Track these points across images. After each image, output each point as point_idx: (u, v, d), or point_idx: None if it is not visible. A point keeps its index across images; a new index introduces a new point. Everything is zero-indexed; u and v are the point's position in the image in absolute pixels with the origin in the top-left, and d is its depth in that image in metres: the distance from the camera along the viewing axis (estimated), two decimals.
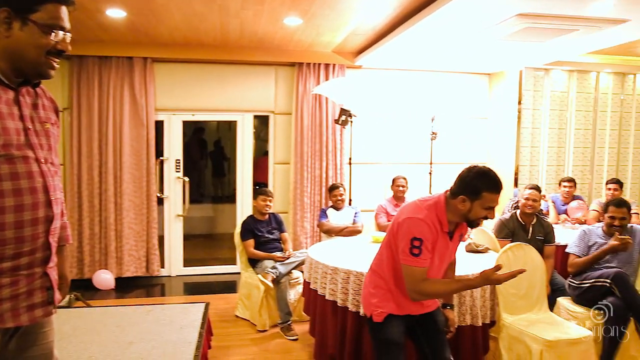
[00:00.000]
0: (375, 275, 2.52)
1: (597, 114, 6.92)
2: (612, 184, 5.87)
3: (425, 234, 2.26)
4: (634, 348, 3.74)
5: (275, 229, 4.96)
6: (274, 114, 6.33)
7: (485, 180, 2.26)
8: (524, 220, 4.44)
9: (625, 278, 3.66)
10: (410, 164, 6.56)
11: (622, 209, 3.89)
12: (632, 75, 6.96)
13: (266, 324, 4.59)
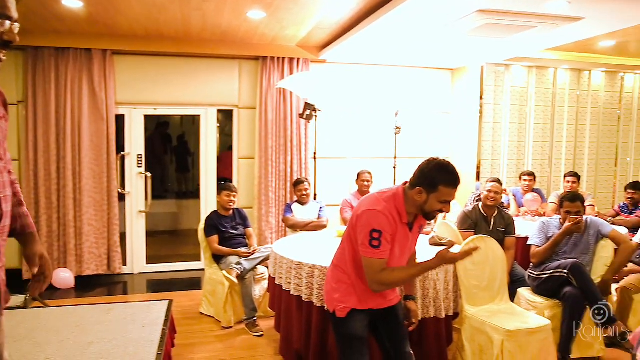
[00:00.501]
0: (337, 269, 2.51)
1: (555, 109, 7.11)
2: (570, 177, 6.04)
3: (384, 226, 2.25)
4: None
5: (239, 225, 4.91)
6: (238, 109, 6.26)
7: (443, 173, 2.26)
8: (486, 212, 4.55)
9: (581, 269, 3.77)
10: (374, 159, 6.60)
11: (576, 202, 4.01)
12: (587, 71, 7.18)
13: (231, 321, 4.55)
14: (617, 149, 7.58)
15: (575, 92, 7.19)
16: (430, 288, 3.51)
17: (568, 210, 4.02)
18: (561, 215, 4.10)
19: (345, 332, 2.44)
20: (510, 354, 3.29)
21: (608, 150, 7.50)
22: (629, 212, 5.79)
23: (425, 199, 2.27)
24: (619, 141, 7.56)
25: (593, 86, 7.28)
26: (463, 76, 6.81)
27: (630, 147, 7.65)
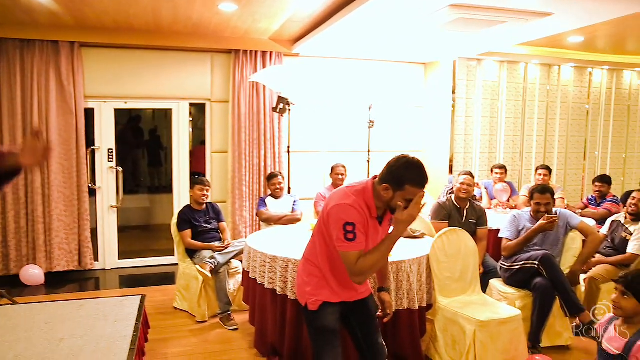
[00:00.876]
0: (308, 263, 2.50)
1: (525, 103, 7.23)
2: (541, 169, 6.16)
3: (356, 218, 2.24)
4: (559, 324, 3.96)
5: (213, 219, 4.88)
6: (211, 102, 6.20)
7: (410, 172, 2.23)
8: (459, 204, 4.62)
9: (551, 260, 3.85)
10: (348, 152, 6.62)
11: (546, 195, 4.09)
12: (557, 66, 7.32)
13: (205, 315, 4.53)
14: (585, 143, 7.75)
15: (546, 87, 7.32)
16: (403, 280, 3.54)
17: (538, 202, 4.09)
18: (532, 207, 4.18)
19: (317, 325, 2.45)
20: (482, 344, 3.35)
21: (577, 144, 7.66)
22: (596, 205, 5.93)
23: (391, 196, 2.25)
24: (587, 135, 7.73)
25: (562, 81, 7.42)
26: (436, 70, 6.87)
27: (598, 141, 7.83)
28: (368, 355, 2.59)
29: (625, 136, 8.01)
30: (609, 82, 7.73)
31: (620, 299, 2.18)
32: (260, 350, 3.84)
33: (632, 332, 2.17)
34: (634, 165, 8.11)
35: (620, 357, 2.15)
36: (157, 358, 3.78)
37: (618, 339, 2.20)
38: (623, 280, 2.20)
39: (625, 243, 4.42)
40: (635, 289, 2.16)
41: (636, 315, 2.18)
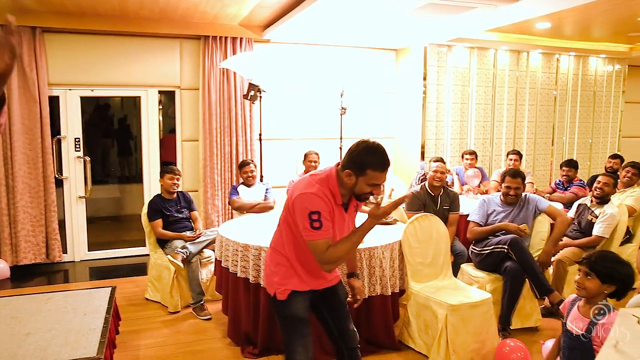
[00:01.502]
0: (275, 253, 2.47)
1: (495, 89, 7.30)
2: (513, 154, 6.25)
3: (321, 206, 2.21)
4: (528, 306, 4.04)
5: (184, 208, 4.81)
6: (180, 90, 6.09)
7: (371, 157, 2.21)
8: (433, 192, 4.66)
9: (520, 243, 3.92)
10: (320, 139, 6.60)
11: (517, 179, 4.16)
12: (525, 53, 7.40)
13: (178, 305, 4.48)
14: (553, 129, 7.88)
15: (515, 73, 7.40)
16: (376, 266, 3.57)
17: (509, 185, 4.17)
18: (502, 190, 4.24)
19: (287, 314, 2.43)
20: (454, 327, 3.40)
21: (545, 130, 7.79)
22: (564, 189, 6.05)
23: (354, 182, 2.24)
24: (555, 121, 7.86)
25: (531, 67, 7.51)
26: (407, 57, 6.88)
27: (565, 127, 7.98)
28: (340, 342, 2.59)
29: (591, 122, 8.17)
30: (575, 68, 7.86)
31: (584, 280, 2.23)
32: (234, 340, 3.82)
33: (594, 312, 2.22)
34: (600, 150, 8.29)
35: (584, 336, 2.20)
36: (128, 350, 3.73)
37: (581, 318, 2.25)
38: (587, 262, 2.24)
39: (591, 226, 4.52)
40: (599, 270, 2.20)
41: (599, 295, 2.23)
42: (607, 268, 2.20)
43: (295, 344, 2.40)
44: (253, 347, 3.65)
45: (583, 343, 2.19)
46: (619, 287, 2.22)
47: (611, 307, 2.20)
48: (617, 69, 8.20)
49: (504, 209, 4.23)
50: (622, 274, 2.21)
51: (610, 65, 8.14)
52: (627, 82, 8.34)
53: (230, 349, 3.76)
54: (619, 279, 2.21)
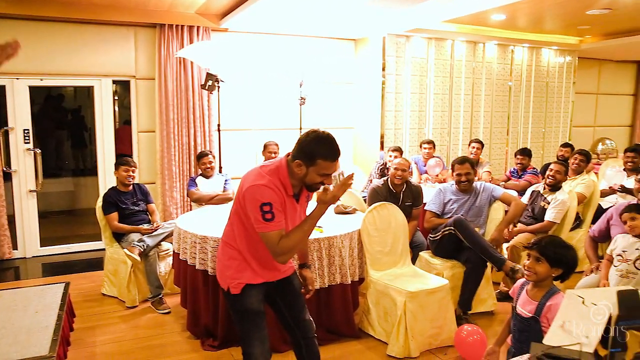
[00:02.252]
0: (227, 246, 2.44)
1: (453, 80, 7.42)
2: (474, 142, 6.38)
3: (272, 198, 2.19)
4: (484, 292, 4.14)
5: (141, 200, 4.71)
6: (136, 79, 5.93)
7: (321, 147, 2.19)
8: (394, 188, 4.56)
9: (463, 222, 3.99)
10: (280, 130, 6.56)
11: (465, 165, 4.25)
12: (481, 44, 7.54)
13: (136, 300, 4.39)
14: (508, 118, 8.08)
15: (471, 64, 7.54)
16: (335, 255, 3.58)
17: (459, 172, 4.25)
18: (454, 178, 4.32)
19: (241, 308, 2.40)
20: (412, 314, 3.45)
21: (500, 120, 7.98)
22: (518, 177, 6.22)
23: (305, 172, 2.22)
24: (510, 111, 8.06)
25: (487, 58, 7.66)
26: (365, 47, 6.91)
27: (519, 116, 8.19)
28: (296, 333, 2.59)
29: (544, 112, 8.42)
30: (529, 59, 8.07)
31: (535, 264, 2.29)
32: (194, 333, 3.78)
33: (541, 295, 2.29)
34: (552, 139, 8.56)
35: (533, 319, 2.27)
36: (84, 347, 3.63)
37: (530, 302, 2.31)
38: (537, 247, 2.30)
39: (544, 212, 4.66)
40: (548, 255, 2.27)
41: (547, 278, 2.30)
42: (556, 253, 2.27)
43: (251, 337, 2.37)
44: (213, 339, 3.62)
45: (532, 325, 2.26)
46: (564, 271, 2.30)
47: (558, 289, 2.29)
48: (568, 60, 8.46)
49: (459, 197, 4.32)
50: (569, 258, 2.30)
51: (562, 57, 8.38)
52: (577, 73, 8.62)
53: (190, 342, 3.71)
54: (566, 262, 2.29)
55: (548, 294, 2.28)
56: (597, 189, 5.34)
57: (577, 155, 5.58)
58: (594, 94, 9.54)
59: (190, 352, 3.56)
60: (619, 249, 3.21)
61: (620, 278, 3.14)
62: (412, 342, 3.43)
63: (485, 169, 6.25)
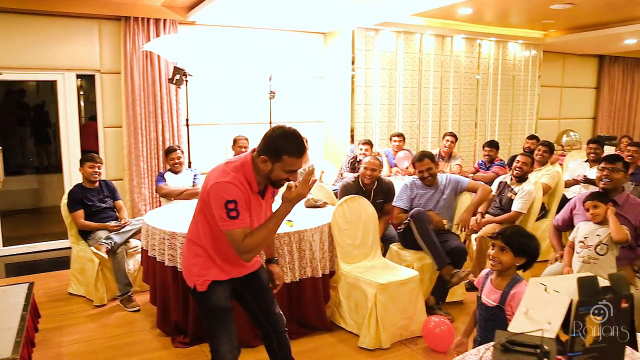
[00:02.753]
0: (192, 244, 2.40)
1: (421, 73, 7.48)
2: (448, 136, 6.44)
3: (237, 195, 2.17)
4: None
5: (107, 197, 4.62)
6: (101, 73, 5.80)
7: (286, 142, 2.18)
8: (365, 186, 4.52)
9: (422, 216, 4.04)
10: (250, 124, 6.52)
11: (424, 161, 4.28)
12: (449, 37, 7.61)
13: (104, 298, 4.32)
14: (476, 111, 8.19)
15: (440, 57, 7.61)
16: (306, 249, 3.58)
17: (420, 169, 4.29)
18: (417, 175, 4.35)
19: (208, 305, 2.38)
20: (383, 305, 3.48)
21: (469, 112, 8.09)
22: (486, 169, 6.32)
23: (270, 168, 2.21)
24: (478, 104, 8.17)
25: (455, 52, 7.75)
26: (335, 40, 6.90)
27: (487, 109, 8.31)
28: (267, 327, 2.58)
29: (511, 104, 8.56)
30: (495, 53, 8.19)
31: (499, 254, 2.32)
32: (164, 330, 3.73)
33: (505, 284, 2.33)
34: (519, 131, 8.72)
35: (498, 307, 2.31)
36: (50, 348, 3.55)
37: (494, 291, 2.35)
38: (502, 236, 2.34)
39: (511, 203, 4.75)
40: (513, 244, 2.31)
41: (511, 268, 2.34)
42: (520, 243, 2.31)
43: (219, 334, 2.35)
44: (184, 336, 3.58)
45: (497, 314, 2.30)
46: (527, 260, 2.35)
47: (521, 278, 2.33)
48: (534, 54, 8.62)
49: (426, 192, 4.34)
50: (532, 247, 2.34)
51: (527, 51, 8.54)
52: (542, 66, 8.79)
53: (160, 339, 3.67)
54: (529, 252, 2.33)
55: (511, 282, 2.31)
56: (561, 179, 5.47)
57: (541, 146, 5.70)
58: (558, 87, 9.75)
59: (161, 350, 3.52)
60: (581, 236, 3.30)
61: (582, 264, 3.23)
62: (383, 333, 3.46)
63: (457, 162, 6.33)
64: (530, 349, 1.31)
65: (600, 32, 7.48)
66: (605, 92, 10.22)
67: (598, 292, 1.44)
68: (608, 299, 1.46)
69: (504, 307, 2.28)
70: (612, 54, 10.04)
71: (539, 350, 1.30)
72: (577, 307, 1.42)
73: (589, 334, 1.45)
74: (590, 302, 1.43)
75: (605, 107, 10.28)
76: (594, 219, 3.25)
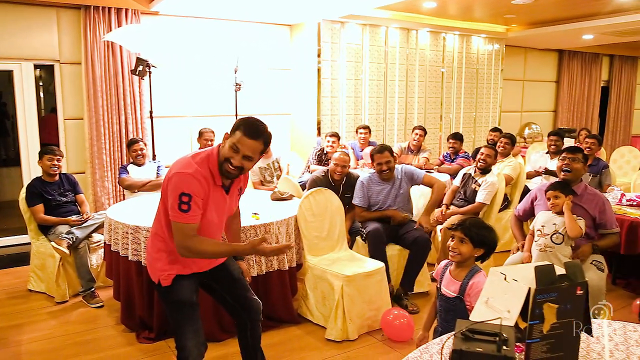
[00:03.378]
0: (156, 238, 2.36)
1: (387, 66, 7.52)
2: (418, 129, 6.48)
3: (195, 189, 2.15)
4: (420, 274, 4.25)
5: (68, 191, 4.50)
6: (60, 64, 5.63)
7: (244, 123, 2.22)
8: (334, 182, 4.52)
9: (376, 235, 4.09)
10: (216, 117, 6.45)
11: (384, 153, 4.30)
12: (415, 31, 7.68)
13: (66, 295, 4.22)
14: (441, 104, 8.30)
15: (405, 51, 7.67)
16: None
17: (379, 162, 4.30)
18: (375, 168, 4.37)
19: (173, 300, 2.35)
20: (350, 297, 3.50)
21: (434, 105, 8.19)
22: (451, 161, 6.42)
23: (224, 145, 2.24)
24: (443, 97, 8.28)
25: (420, 45, 7.82)
26: (301, 32, 6.88)
27: (452, 102, 8.43)
28: (242, 314, 2.57)
29: (475, 97, 8.71)
30: (460, 47, 8.30)
31: (459, 245, 2.35)
32: (128, 326, 3.68)
33: (464, 275, 2.36)
34: (483, 124, 8.88)
35: (457, 298, 2.34)
36: (8, 346, 3.45)
37: (453, 282, 2.38)
38: (462, 228, 2.37)
39: (475, 194, 4.84)
40: (472, 236, 2.33)
41: (470, 259, 2.37)
42: (479, 234, 2.34)
43: (184, 329, 2.32)
44: (149, 331, 3.53)
45: (457, 304, 2.33)
46: (486, 251, 2.38)
47: (479, 268, 2.37)
48: (496, 48, 8.78)
49: (383, 187, 4.35)
50: (491, 239, 2.38)
51: (490, 45, 8.69)
52: (504, 60, 8.97)
53: (125, 335, 3.61)
54: (488, 243, 2.37)
55: (470, 273, 2.34)
56: (523, 171, 5.60)
57: (503, 138, 5.82)
58: (520, 81, 9.97)
59: (125, 346, 3.46)
60: (539, 224, 3.39)
61: (540, 252, 3.32)
62: (350, 325, 3.49)
63: (424, 155, 6.39)
64: (489, 337, 1.34)
65: (559, 27, 7.67)
66: (564, 85, 10.50)
67: (554, 280, 1.49)
68: (564, 287, 1.50)
69: (464, 297, 2.31)
70: (571, 49, 10.32)
71: (498, 338, 1.33)
72: (534, 295, 1.46)
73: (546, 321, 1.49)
74: (547, 290, 1.48)
75: (565, 101, 10.57)
76: (554, 209, 3.34)
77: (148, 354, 3.34)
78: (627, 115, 11.96)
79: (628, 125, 12.06)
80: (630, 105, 11.94)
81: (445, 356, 1.58)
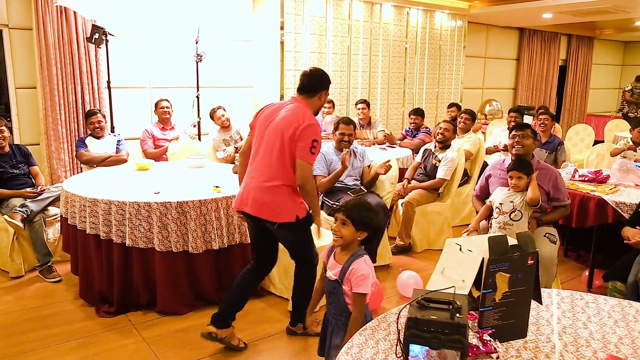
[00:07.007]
0: (284, 187, 2.78)
1: (351, 40, 7.49)
2: (360, 103, 6.50)
3: (320, 138, 2.77)
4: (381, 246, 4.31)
5: (21, 163, 4.36)
6: (9, 29, 5.36)
7: (327, 76, 2.95)
8: None
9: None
10: (176, 88, 6.30)
11: (350, 126, 4.37)
12: (379, 5, 7.65)
13: (21, 269, 4.13)
14: (405, 79, 8.34)
15: (369, 25, 7.64)
16: (234, 215, 3.56)
17: (343, 132, 4.36)
18: (337, 137, 4.40)
19: (309, 223, 2.90)
20: None
21: (397, 80, 8.22)
22: (412, 136, 6.49)
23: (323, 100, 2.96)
24: (406, 72, 8.32)
25: (384, 19, 7.80)
26: (264, 4, 6.76)
27: (415, 78, 8.49)
28: (271, 261, 3.17)
29: (438, 73, 8.79)
30: (423, 22, 8.32)
31: (341, 228, 2.25)
32: (87, 300, 3.63)
33: (346, 258, 2.27)
34: (445, 100, 8.97)
35: (337, 282, 2.26)
36: None
37: (336, 265, 2.30)
38: (344, 210, 2.26)
39: (435, 169, 4.93)
40: (354, 218, 2.23)
41: (353, 242, 2.27)
42: (361, 216, 2.24)
43: (312, 242, 3.00)
44: (109, 305, 3.50)
45: (337, 288, 2.26)
46: (370, 234, 2.29)
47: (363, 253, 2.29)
48: (459, 25, 8.84)
49: (339, 157, 4.38)
50: (375, 221, 2.28)
51: (453, 21, 8.74)
52: (467, 37, 9.05)
53: (84, 309, 3.57)
54: (372, 226, 2.27)
55: (352, 257, 2.26)
56: (482, 146, 5.72)
57: (463, 114, 5.92)
58: (482, 58, 10.11)
59: (85, 320, 3.42)
60: (497, 202, 3.48)
61: (498, 229, 3.41)
62: None
63: (379, 129, 6.39)
64: (443, 305, 1.39)
65: (520, 5, 7.78)
66: (524, 63, 10.71)
67: (507, 251, 1.54)
68: (515, 257, 1.56)
69: (343, 281, 2.23)
70: (531, 27, 10.49)
71: (451, 306, 1.37)
72: (487, 265, 1.52)
73: (498, 289, 1.55)
74: (499, 259, 1.53)
75: (524, 79, 10.80)
76: (515, 189, 3.39)
77: (108, 328, 3.31)
78: (583, 94, 12.33)
79: (583, 104, 12.44)
80: (586, 84, 12.30)
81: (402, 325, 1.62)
